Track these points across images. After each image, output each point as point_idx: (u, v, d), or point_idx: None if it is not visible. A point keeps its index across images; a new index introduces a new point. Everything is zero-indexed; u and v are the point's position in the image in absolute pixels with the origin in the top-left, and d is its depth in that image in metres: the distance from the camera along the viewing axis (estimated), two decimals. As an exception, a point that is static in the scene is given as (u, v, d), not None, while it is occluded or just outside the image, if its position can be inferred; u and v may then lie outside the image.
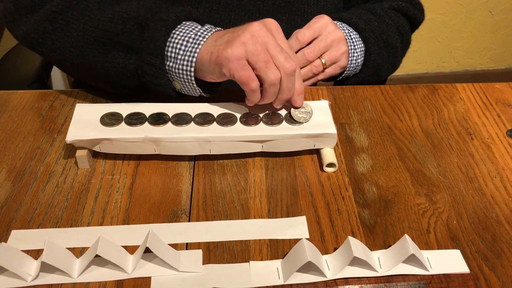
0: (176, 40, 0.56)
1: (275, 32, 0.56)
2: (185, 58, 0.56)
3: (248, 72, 0.53)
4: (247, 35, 0.53)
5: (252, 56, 0.53)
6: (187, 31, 0.57)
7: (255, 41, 0.53)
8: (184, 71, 0.57)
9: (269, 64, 0.53)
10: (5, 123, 0.64)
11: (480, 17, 1.87)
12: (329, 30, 0.67)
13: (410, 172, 0.58)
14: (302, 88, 0.57)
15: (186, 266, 0.46)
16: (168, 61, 0.57)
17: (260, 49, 0.53)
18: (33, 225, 0.50)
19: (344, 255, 0.46)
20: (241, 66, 0.53)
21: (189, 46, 0.56)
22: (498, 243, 0.50)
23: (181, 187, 0.55)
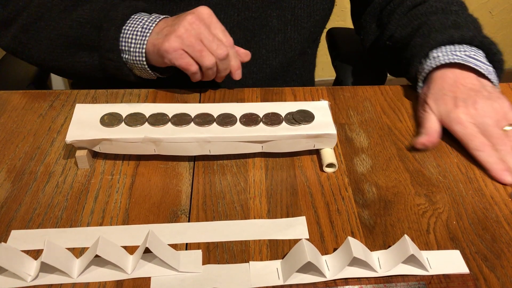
0: (126, 35, 0.64)
1: (208, 20, 0.62)
2: (136, 50, 0.64)
3: (186, 59, 0.61)
4: (181, 29, 0.60)
5: (188, 48, 0.60)
6: (135, 25, 0.64)
7: (189, 34, 0.60)
8: (137, 61, 0.65)
9: (203, 52, 0.61)
10: (4, 123, 0.64)
11: (480, 17, 1.86)
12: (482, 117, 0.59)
13: (410, 173, 0.58)
14: (237, 63, 0.64)
15: (185, 266, 0.46)
16: (124, 53, 0.65)
17: (193, 41, 0.60)
18: (32, 225, 0.50)
19: (344, 256, 0.46)
20: (179, 55, 0.61)
21: (138, 39, 0.63)
22: (497, 243, 0.50)
23: (181, 187, 0.55)
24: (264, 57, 0.77)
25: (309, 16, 0.77)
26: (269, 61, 0.78)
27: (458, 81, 0.62)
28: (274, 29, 0.76)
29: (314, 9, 0.77)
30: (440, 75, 0.64)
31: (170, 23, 0.63)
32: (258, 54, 0.76)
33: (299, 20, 0.77)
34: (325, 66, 1.52)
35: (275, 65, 0.78)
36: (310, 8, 0.77)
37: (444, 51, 0.64)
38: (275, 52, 0.77)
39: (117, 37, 0.64)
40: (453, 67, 0.63)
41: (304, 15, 0.77)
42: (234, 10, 0.72)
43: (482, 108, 0.59)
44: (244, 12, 0.73)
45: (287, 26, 0.76)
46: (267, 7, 0.74)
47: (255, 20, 0.74)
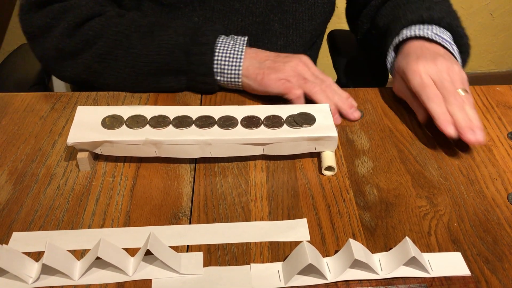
0: (219, 58, 0.65)
1: (310, 65, 0.66)
2: (231, 72, 0.66)
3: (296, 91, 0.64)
4: (288, 69, 0.65)
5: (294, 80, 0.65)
6: (225, 47, 0.66)
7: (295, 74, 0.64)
8: (233, 82, 0.67)
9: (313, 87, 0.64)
10: (6, 125, 0.64)
11: (481, 19, 1.87)
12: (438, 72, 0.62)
13: (411, 175, 0.58)
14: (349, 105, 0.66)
15: (187, 268, 0.46)
16: (218, 76, 0.67)
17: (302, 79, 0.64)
18: (34, 227, 0.50)
19: (345, 258, 0.46)
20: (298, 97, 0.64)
21: (231, 62, 0.65)
22: (499, 245, 0.50)
23: (182, 190, 0.55)
24: None
25: (311, 20, 0.77)
26: None
27: (424, 46, 0.66)
28: (276, 33, 0.76)
29: (315, 13, 0.77)
30: (407, 45, 0.67)
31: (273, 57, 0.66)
32: None
33: (301, 24, 0.77)
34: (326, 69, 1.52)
35: None
36: (311, 12, 0.77)
37: (413, 28, 0.68)
38: None
39: (212, 61, 0.65)
40: (420, 39, 0.67)
41: (306, 18, 0.77)
42: (238, 16, 0.73)
43: (441, 64, 0.62)
44: (248, 17, 0.73)
45: (289, 30, 0.77)
46: (270, 12, 0.74)
47: (258, 25, 0.74)
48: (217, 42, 0.66)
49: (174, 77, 0.67)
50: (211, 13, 0.71)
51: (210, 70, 0.65)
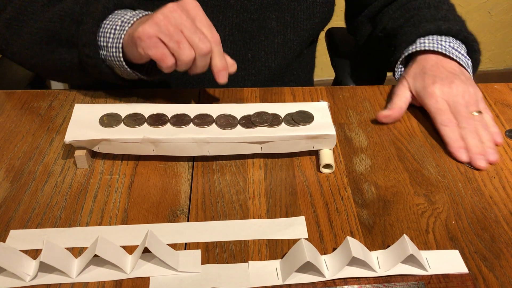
0: (106, 30, 0.59)
1: (193, 11, 0.56)
2: (113, 45, 0.59)
3: (160, 49, 0.54)
4: (160, 16, 0.54)
5: (165, 37, 0.54)
6: (116, 19, 0.59)
7: (168, 22, 0.54)
8: (115, 57, 0.59)
9: (182, 44, 0.54)
10: (3, 122, 0.63)
11: (479, 17, 1.87)
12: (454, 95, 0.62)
13: (409, 172, 0.58)
14: (223, 64, 0.57)
15: (185, 266, 0.46)
16: (102, 50, 0.60)
17: (172, 30, 0.54)
18: (31, 225, 0.50)
19: (343, 255, 0.46)
20: (153, 44, 0.54)
21: (116, 34, 0.58)
22: (496, 243, 0.50)
23: (180, 187, 0.55)
24: (263, 59, 0.77)
25: (309, 19, 0.77)
26: (268, 63, 0.77)
27: (439, 63, 0.66)
28: (273, 31, 0.76)
29: (314, 12, 0.77)
30: (423, 57, 0.67)
31: (151, 14, 0.57)
32: (257, 56, 0.76)
33: (299, 23, 0.77)
34: (324, 66, 1.52)
35: (274, 67, 0.78)
36: (310, 11, 0.77)
37: (431, 39, 0.68)
38: (274, 54, 0.77)
39: (95, 31, 0.59)
40: (436, 53, 0.67)
41: (304, 17, 0.77)
42: (233, 12, 0.72)
43: (457, 88, 0.63)
44: (243, 14, 0.73)
45: (287, 28, 0.76)
46: (266, 9, 0.74)
47: (253, 22, 0.74)
48: (112, 13, 0.60)
49: (66, 49, 0.62)
50: (205, 8, 0.71)
51: (91, 40, 0.59)
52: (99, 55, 0.60)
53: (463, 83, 0.63)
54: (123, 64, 0.60)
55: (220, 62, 0.57)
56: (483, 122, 0.62)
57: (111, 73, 0.62)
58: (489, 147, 0.60)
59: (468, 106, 0.62)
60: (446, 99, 0.63)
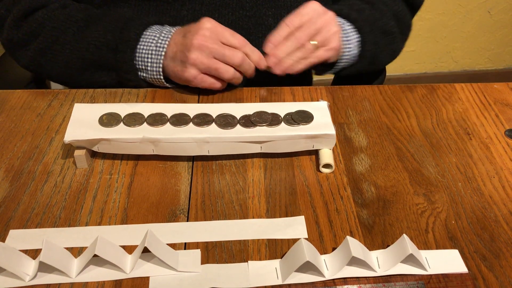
0: (142, 54, 0.65)
1: (213, 33, 0.63)
2: (153, 69, 0.66)
3: (208, 81, 0.65)
4: (193, 56, 0.62)
5: (206, 71, 0.64)
6: (149, 43, 0.65)
7: (202, 56, 0.62)
8: (156, 79, 0.67)
9: (220, 69, 0.63)
10: (3, 122, 0.63)
11: (479, 17, 1.87)
12: (319, 13, 0.67)
13: (409, 172, 0.58)
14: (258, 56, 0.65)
15: (184, 266, 0.46)
16: (141, 72, 0.67)
17: (207, 62, 0.63)
18: (31, 224, 0.50)
19: (343, 255, 0.46)
20: (201, 80, 0.65)
21: (154, 58, 0.65)
22: (496, 243, 0.50)
23: (179, 187, 0.55)
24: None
25: None
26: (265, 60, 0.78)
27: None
28: (270, 28, 0.76)
29: None
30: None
31: (181, 47, 0.63)
32: None
33: None
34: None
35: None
36: None
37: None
38: None
39: (133, 59, 0.65)
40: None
41: None
42: (228, 10, 0.72)
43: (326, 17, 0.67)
44: (239, 11, 0.73)
45: None
46: (262, 6, 0.74)
47: (250, 19, 0.74)
48: (143, 36, 0.65)
49: (106, 72, 0.68)
50: (200, 6, 0.71)
51: (131, 67, 0.65)
52: (140, 77, 0.67)
53: (334, 22, 0.67)
54: (164, 83, 0.68)
55: (256, 56, 0.65)
56: (308, 50, 0.66)
57: (149, 85, 0.69)
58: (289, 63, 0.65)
59: (316, 33, 0.66)
60: (311, 13, 0.66)
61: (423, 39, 1.91)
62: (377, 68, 0.78)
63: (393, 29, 0.75)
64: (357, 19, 0.71)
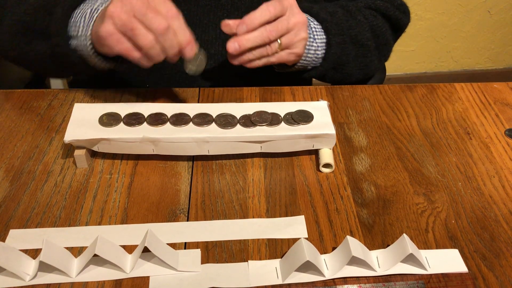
0: (76, 20, 0.58)
1: None
2: (82, 34, 0.58)
3: (123, 44, 0.54)
4: (111, 8, 0.53)
5: (121, 28, 0.53)
6: (85, 8, 0.59)
7: (120, 11, 0.53)
8: (84, 46, 0.58)
9: (136, 30, 0.53)
10: (3, 122, 0.63)
11: (479, 17, 1.87)
12: (294, 12, 0.63)
13: (409, 172, 0.58)
14: (187, 38, 0.55)
15: (184, 265, 0.46)
16: (73, 39, 0.59)
17: (125, 18, 0.53)
18: (31, 224, 0.50)
19: (343, 255, 0.46)
20: (116, 40, 0.54)
21: (86, 22, 0.58)
22: (496, 242, 0.50)
23: (179, 187, 0.55)
24: None
25: None
26: None
27: None
28: None
29: None
30: None
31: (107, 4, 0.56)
32: None
33: None
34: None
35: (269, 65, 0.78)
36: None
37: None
38: None
39: (64, 20, 0.58)
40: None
41: None
42: (224, 11, 0.72)
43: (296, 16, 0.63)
44: (234, 12, 0.73)
45: None
46: (255, 8, 0.74)
47: None
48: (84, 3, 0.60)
49: (41, 40, 0.62)
50: (195, 8, 0.71)
51: (60, 29, 0.58)
52: (69, 44, 0.59)
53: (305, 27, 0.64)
54: (91, 53, 0.59)
55: (184, 37, 0.55)
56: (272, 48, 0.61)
57: (83, 63, 0.61)
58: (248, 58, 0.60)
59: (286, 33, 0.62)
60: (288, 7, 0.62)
61: (423, 38, 1.91)
62: (345, 79, 0.74)
63: (368, 42, 0.72)
64: (326, 20, 0.69)
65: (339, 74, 0.73)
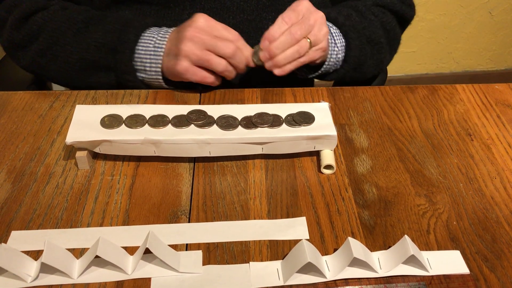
0: (140, 55, 0.66)
1: (207, 27, 0.63)
2: (152, 70, 0.66)
3: (199, 74, 0.64)
4: (185, 48, 0.62)
5: (197, 62, 0.63)
6: (147, 44, 0.66)
7: (193, 48, 0.62)
8: (155, 80, 0.67)
9: (211, 60, 0.63)
10: (5, 123, 0.64)
11: (480, 18, 1.87)
12: (311, 11, 0.66)
13: (410, 173, 0.58)
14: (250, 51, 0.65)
15: (186, 267, 0.46)
16: (140, 73, 0.67)
17: (199, 53, 0.62)
18: (33, 226, 0.50)
19: (344, 256, 0.46)
20: (193, 73, 0.64)
21: (153, 59, 0.66)
22: (498, 244, 0.50)
23: (181, 188, 0.55)
24: None
25: None
26: None
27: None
28: None
29: None
30: None
31: (175, 41, 0.64)
32: None
33: None
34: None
35: None
36: None
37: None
38: None
39: (131, 59, 0.66)
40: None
41: None
42: (229, 14, 0.73)
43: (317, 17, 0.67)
44: (239, 15, 0.73)
45: None
46: (262, 10, 0.74)
47: (250, 23, 0.74)
48: (142, 37, 0.66)
49: (104, 73, 0.68)
50: (201, 11, 0.71)
51: (130, 68, 0.66)
52: (138, 78, 0.67)
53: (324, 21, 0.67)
54: (163, 85, 0.68)
55: (247, 51, 0.65)
56: (303, 47, 0.65)
57: (147, 87, 0.70)
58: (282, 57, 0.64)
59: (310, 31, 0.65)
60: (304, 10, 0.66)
61: (424, 39, 1.91)
62: (362, 77, 0.77)
63: (381, 39, 0.75)
64: (344, 24, 0.71)
65: (358, 73, 0.75)
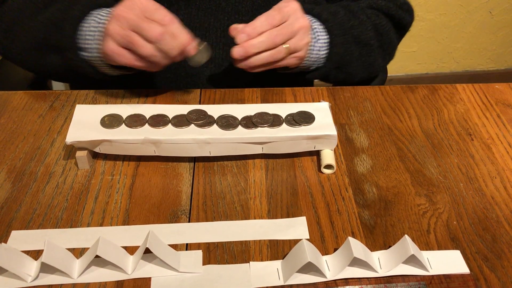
0: (84, 33, 0.61)
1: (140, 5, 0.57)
2: (92, 47, 0.61)
3: (126, 57, 0.58)
4: (110, 27, 0.58)
5: (121, 43, 0.58)
6: (91, 21, 0.62)
7: (117, 27, 0.57)
8: (95, 57, 0.62)
9: (136, 42, 0.57)
10: (5, 123, 0.64)
11: (480, 17, 1.87)
12: (297, 16, 0.64)
13: (410, 173, 0.58)
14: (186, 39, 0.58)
15: (186, 266, 0.46)
16: (84, 51, 0.62)
17: (123, 33, 0.57)
18: (33, 225, 0.50)
19: (344, 256, 0.46)
20: (118, 55, 0.58)
21: (95, 35, 0.61)
22: (498, 243, 0.50)
23: (181, 188, 0.55)
24: None
25: None
26: None
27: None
28: None
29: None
30: None
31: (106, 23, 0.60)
32: None
33: None
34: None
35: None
36: None
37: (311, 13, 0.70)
38: None
39: (73, 35, 0.62)
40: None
41: None
42: (224, 14, 0.72)
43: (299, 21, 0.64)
44: (234, 15, 0.73)
45: None
46: (257, 10, 0.74)
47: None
48: (87, 16, 0.62)
49: (54, 54, 0.65)
50: (196, 11, 0.71)
51: (71, 44, 0.62)
52: (81, 57, 0.63)
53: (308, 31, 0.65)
54: (102, 64, 0.63)
55: (182, 39, 0.58)
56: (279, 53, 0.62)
57: (96, 71, 0.65)
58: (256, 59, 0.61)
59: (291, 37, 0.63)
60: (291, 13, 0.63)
61: (424, 39, 1.91)
62: (349, 78, 0.74)
63: (371, 41, 0.72)
64: (328, 20, 0.68)
65: (342, 74, 0.73)
